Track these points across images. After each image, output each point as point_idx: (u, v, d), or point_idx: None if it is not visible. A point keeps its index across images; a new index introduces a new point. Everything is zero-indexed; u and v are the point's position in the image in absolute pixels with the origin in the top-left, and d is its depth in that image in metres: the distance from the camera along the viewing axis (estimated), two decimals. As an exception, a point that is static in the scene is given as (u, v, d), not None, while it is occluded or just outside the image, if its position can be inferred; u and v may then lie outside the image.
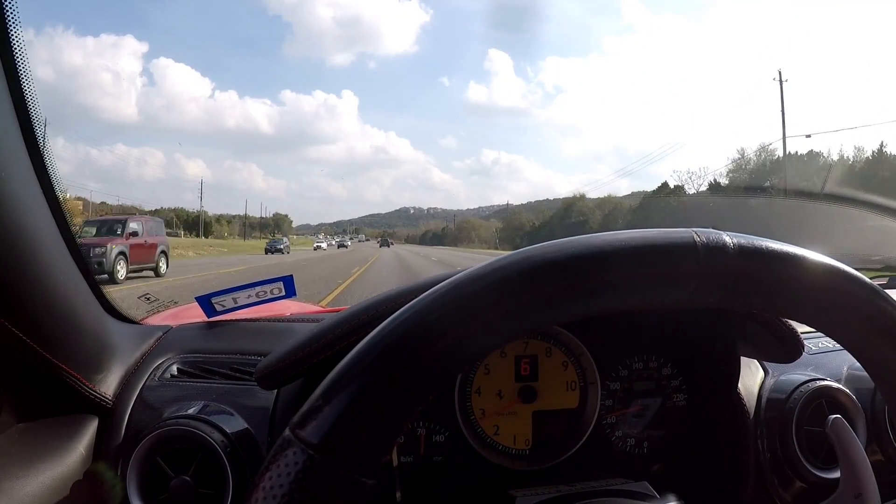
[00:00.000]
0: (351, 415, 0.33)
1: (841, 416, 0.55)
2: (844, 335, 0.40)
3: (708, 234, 0.37)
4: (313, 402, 0.34)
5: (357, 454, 0.33)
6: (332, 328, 0.58)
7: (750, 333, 0.66)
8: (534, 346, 0.72)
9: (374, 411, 0.33)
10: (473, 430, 0.70)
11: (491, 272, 0.36)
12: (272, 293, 0.91)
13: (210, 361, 0.79)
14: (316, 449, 0.32)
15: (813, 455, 0.72)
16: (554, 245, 0.37)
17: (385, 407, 0.33)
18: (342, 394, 0.33)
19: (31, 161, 0.64)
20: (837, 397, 0.74)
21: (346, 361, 0.35)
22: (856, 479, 0.50)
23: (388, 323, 0.35)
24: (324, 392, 0.34)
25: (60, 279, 0.66)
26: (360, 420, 0.33)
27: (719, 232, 0.37)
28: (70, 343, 0.69)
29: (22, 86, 0.61)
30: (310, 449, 0.32)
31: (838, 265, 0.39)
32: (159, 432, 0.64)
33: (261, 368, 0.62)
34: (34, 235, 0.62)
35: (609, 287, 0.36)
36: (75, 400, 0.70)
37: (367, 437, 0.33)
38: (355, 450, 0.33)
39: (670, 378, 0.76)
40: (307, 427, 0.33)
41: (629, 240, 0.36)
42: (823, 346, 0.87)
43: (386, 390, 0.33)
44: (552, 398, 0.72)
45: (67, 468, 0.65)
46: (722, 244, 0.36)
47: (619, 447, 0.74)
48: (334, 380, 0.34)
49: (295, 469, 0.32)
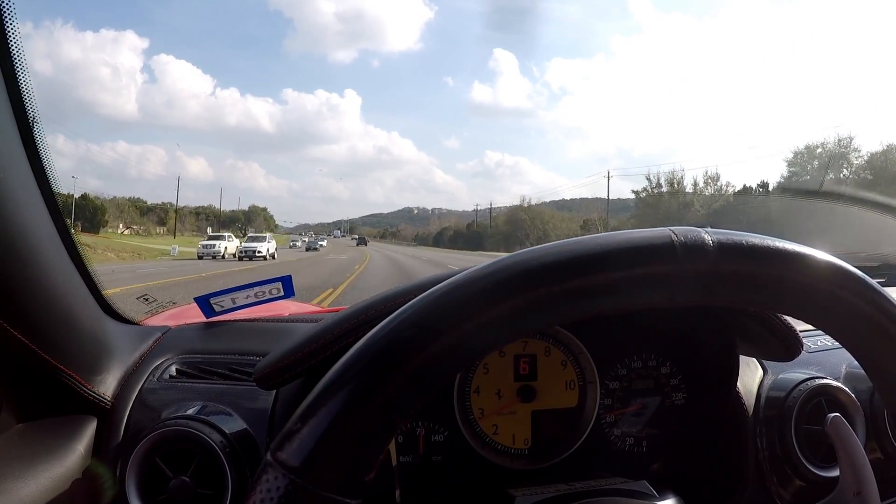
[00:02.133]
0: (330, 436, 0.32)
1: (840, 415, 0.55)
2: (832, 328, 0.40)
3: (686, 232, 0.37)
4: (292, 423, 0.33)
5: (339, 476, 0.32)
6: (331, 328, 0.58)
7: (749, 332, 0.66)
8: (533, 345, 0.72)
9: (353, 431, 0.32)
10: (472, 430, 0.70)
11: (466, 283, 0.35)
12: (271, 293, 0.91)
13: (209, 362, 0.79)
14: (297, 472, 0.32)
15: (812, 453, 0.72)
16: (526, 253, 0.36)
17: (364, 426, 0.32)
18: (320, 415, 0.32)
19: (29, 161, 0.63)
20: (836, 395, 0.74)
21: (323, 382, 0.34)
22: (855, 477, 0.50)
23: (360, 346, 0.35)
24: (302, 414, 0.33)
25: (59, 280, 0.66)
26: (339, 441, 0.32)
27: (698, 230, 0.37)
28: (69, 344, 0.69)
29: (20, 85, 0.61)
30: (291, 473, 0.32)
31: (824, 258, 0.38)
32: (158, 433, 0.64)
33: (259, 369, 0.62)
34: (32, 236, 0.62)
35: (586, 291, 0.35)
36: (74, 401, 0.70)
37: (349, 458, 0.32)
38: (337, 471, 0.32)
39: (669, 377, 0.76)
40: (287, 450, 0.32)
41: (607, 243, 0.36)
42: (822, 344, 0.87)
43: (363, 409, 0.32)
44: (551, 397, 0.72)
45: (66, 469, 0.65)
46: (701, 242, 0.36)
47: (618, 446, 0.74)
48: (312, 401, 0.33)
49: (277, 494, 0.31)
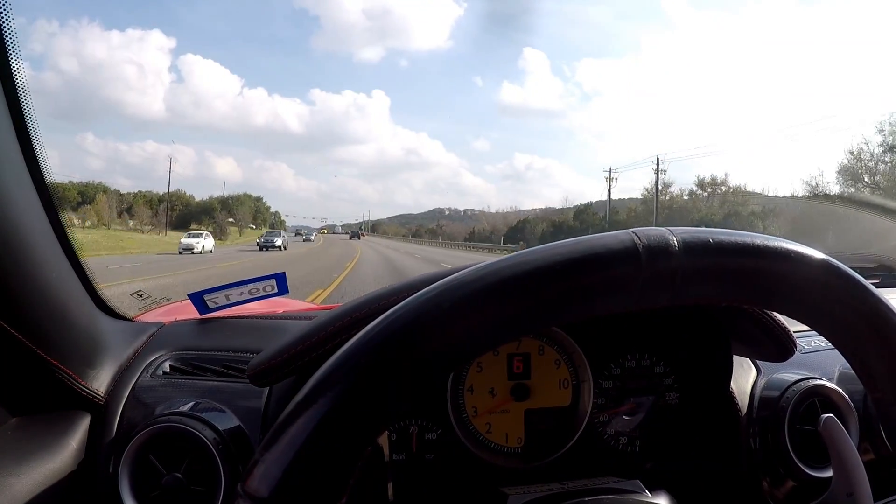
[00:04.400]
0: (296, 464, 0.31)
1: (833, 416, 0.55)
2: (810, 319, 0.40)
3: (650, 234, 0.36)
4: (258, 453, 0.33)
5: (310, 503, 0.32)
6: (324, 325, 0.58)
7: (743, 332, 0.66)
8: (526, 344, 0.72)
9: (318, 457, 0.32)
10: (466, 429, 0.70)
11: (433, 297, 0.35)
12: (265, 290, 0.91)
13: (202, 358, 0.79)
14: (267, 503, 0.31)
15: (805, 454, 0.72)
16: (487, 267, 0.36)
17: (329, 451, 0.32)
18: (283, 443, 0.32)
19: (24, 157, 0.63)
20: (830, 396, 0.74)
21: (287, 409, 0.33)
22: (848, 477, 0.50)
23: (320, 372, 0.34)
24: (267, 442, 0.33)
25: (52, 276, 0.66)
26: (306, 468, 0.32)
27: (662, 230, 0.37)
28: (62, 340, 0.68)
29: (15, 82, 0.61)
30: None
31: (796, 250, 0.38)
32: (151, 429, 0.64)
33: (253, 366, 0.62)
34: (26, 232, 0.62)
35: (547, 302, 0.35)
36: (68, 396, 0.70)
37: (317, 485, 0.32)
38: (307, 499, 0.32)
39: (663, 376, 0.76)
40: (255, 481, 0.32)
41: (568, 251, 0.36)
42: (816, 344, 0.87)
43: (327, 433, 0.32)
44: (545, 396, 0.72)
45: (59, 464, 0.65)
46: (665, 243, 0.36)
47: (611, 445, 0.74)
48: (275, 429, 0.33)
49: None
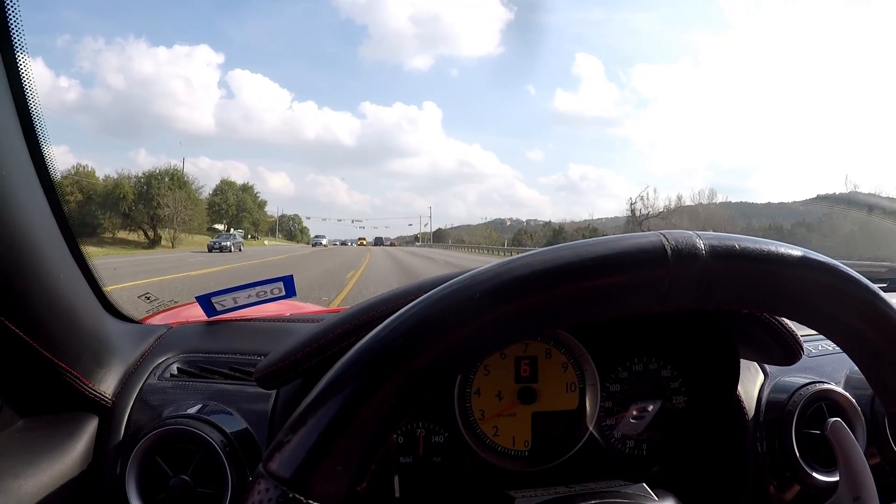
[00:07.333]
0: (321, 446, 0.32)
1: (840, 420, 0.55)
2: (828, 330, 0.40)
3: (678, 237, 0.37)
4: (283, 434, 0.33)
5: (331, 486, 0.32)
6: (332, 328, 0.58)
7: (750, 336, 0.66)
8: (534, 347, 0.72)
9: (344, 441, 0.32)
10: (473, 432, 0.70)
11: (455, 291, 0.35)
12: (272, 293, 0.91)
13: (210, 361, 0.79)
14: (288, 484, 0.32)
15: (812, 458, 0.72)
16: (519, 259, 0.36)
17: (355, 436, 0.32)
18: (310, 425, 0.33)
19: (32, 159, 0.64)
20: (837, 400, 0.74)
21: (314, 391, 0.34)
22: (855, 481, 0.50)
23: (349, 356, 0.35)
24: (293, 423, 0.33)
25: (61, 278, 0.66)
26: (330, 451, 0.32)
27: (690, 234, 0.37)
28: (70, 342, 0.69)
29: (23, 84, 0.61)
30: (282, 484, 0.32)
31: (818, 260, 0.38)
32: (158, 431, 0.64)
33: (260, 368, 0.62)
34: (35, 235, 0.62)
35: (577, 298, 0.35)
36: (75, 399, 0.70)
37: (340, 468, 0.32)
38: (329, 482, 0.32)
39: (670, 380, 0.76)
40: (278, 461, 0.32)
41: (599, 250, 0.36)
42: (823, 348, 0.86)
43: (353, 420, 0.32)
44: (552, 400, 0.72)
45: (67, 466, 0.65)
46: (692, 247, 0.36)
47: (618, 449, 0.74)
48: (302, 410, 0.33)
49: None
